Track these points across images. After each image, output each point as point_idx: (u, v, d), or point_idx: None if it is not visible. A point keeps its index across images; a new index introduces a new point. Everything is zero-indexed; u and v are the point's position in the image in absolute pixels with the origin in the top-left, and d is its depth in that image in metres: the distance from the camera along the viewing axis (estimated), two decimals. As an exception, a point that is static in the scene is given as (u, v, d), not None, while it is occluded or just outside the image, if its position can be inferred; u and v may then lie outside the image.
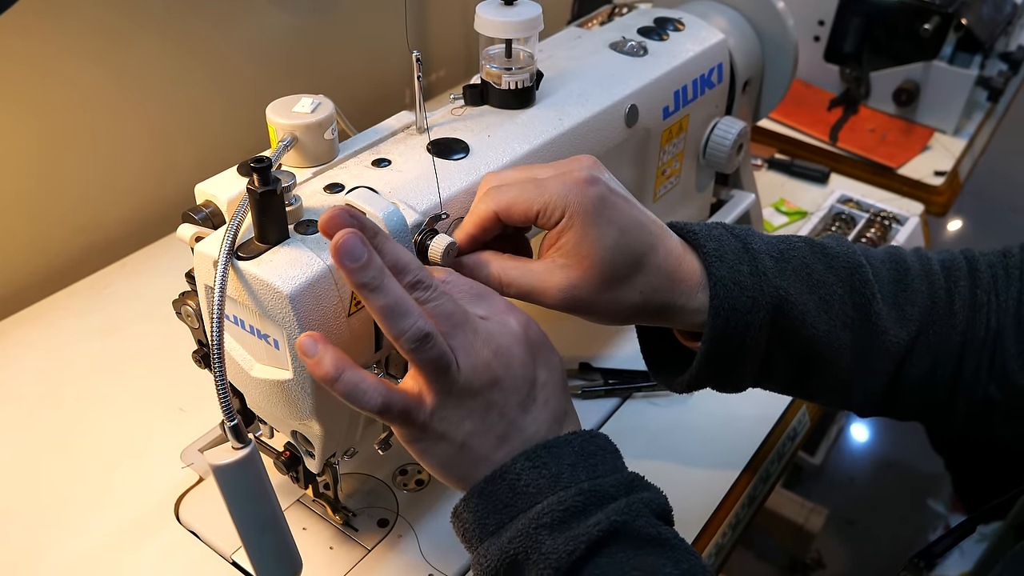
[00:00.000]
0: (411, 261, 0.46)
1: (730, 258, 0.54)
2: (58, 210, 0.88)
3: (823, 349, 0.55)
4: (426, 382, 0.46)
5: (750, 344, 0.54)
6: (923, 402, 0.58)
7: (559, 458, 0.47)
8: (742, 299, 0.53)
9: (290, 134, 0.55)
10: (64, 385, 0.77)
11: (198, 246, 0.51)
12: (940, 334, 0.56)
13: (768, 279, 0.54)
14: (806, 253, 0.56)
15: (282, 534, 0.51)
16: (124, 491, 0.68)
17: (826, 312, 0.55)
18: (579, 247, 0.51)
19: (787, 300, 0.54)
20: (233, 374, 0.54)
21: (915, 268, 0.58)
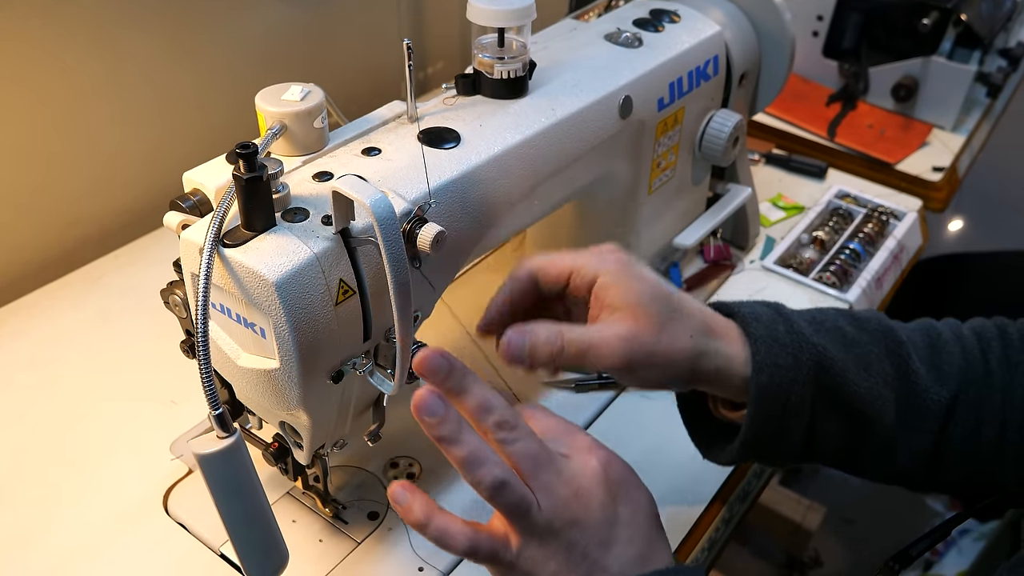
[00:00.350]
0: (497, 402, 0.47)
1: (765, 320, 0.56)
2: (52, 201, 0.88)
3: (867, 407, 0.56)
4: (509, 524, 0.47)
5: (795, 403, 0.55)
6: (971, 464, 0.58)
7: None
8: (783, 355, 0.54)
9: (279, 122, 0.55)
10: (56, 376, 0.76)
11: (184, 233, 0.51)
12: (980, 393, 0.57)
13: (806, 337, 0.55)
14: (837, 317, 0.58)
15: (268, 526, 0.50)
16: (113, 482, 0.67)
17: (866, 370, 0.56)
18: (624, 299, 0.53)
19: (827, 356, 0.55)
20: (220, 364, 0.54)
21: (946, 333, 0.60)
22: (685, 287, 0.85)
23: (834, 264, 0.89)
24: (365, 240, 0.50)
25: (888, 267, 0.91)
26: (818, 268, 0.89)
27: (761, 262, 0.91)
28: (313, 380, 0.51)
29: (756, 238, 0.94)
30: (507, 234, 0.65)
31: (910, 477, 0.60)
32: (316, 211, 0.50)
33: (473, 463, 0.46)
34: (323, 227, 0.50)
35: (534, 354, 0.52)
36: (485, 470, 0.45)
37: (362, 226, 0.50)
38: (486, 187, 0.58)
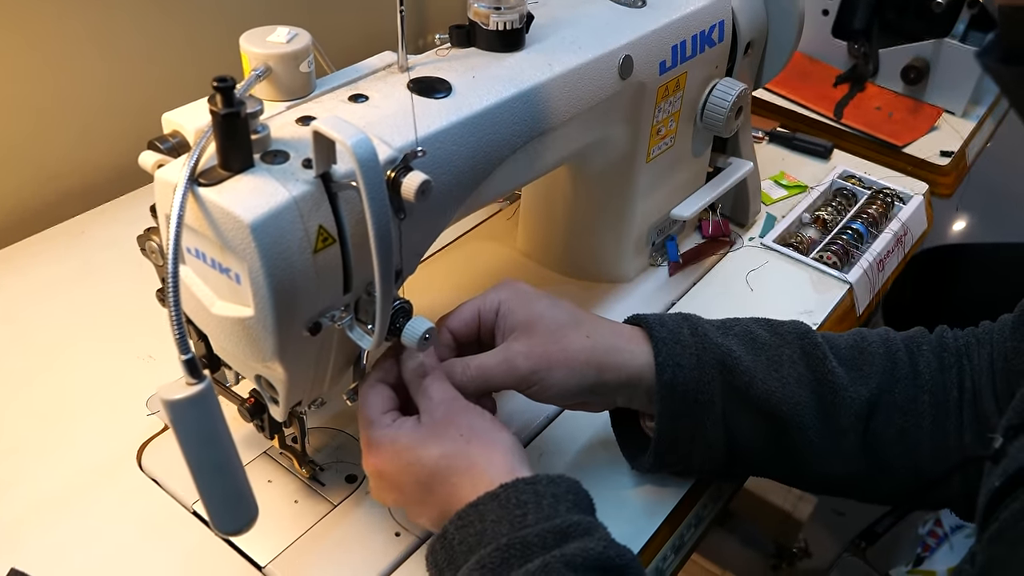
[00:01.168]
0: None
1: (670, 324, 0.58)
2: (36, 153, 0.86)
3: (781, 406, 0.57)
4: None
5: (703, 403, 0.57)
6: (907, 469, 0.59)
7: (483, 515, 0.48)
8: (685, 356, 0.57)
9: (263, 64, 0.52)
10: (33, 329, 0.75)
11: (158, 172, 0.49)
12: (905, 393, 0.58)
13: (710, 338, 0.58)
14: (749, 323, 0.61)
15: (237, 479, 0.49)
16: (87, 436, 0.66)
17: (776, 371, 0.57)
18: (520, 318, 0.57)
19: (732, 357, 0.57)
20: (195, 313, 0.52)
21: (872, 336, 0.61)
22: (681, 261, 0.83)
23: (835, 244, 0.87)
24: (346, 185, 0.48)
25: (891, 249, 0.89)
26: (819, 248, 0.87)
27: (760, 240, 0.89)
28: (289, 331, 0.49)
29: (756, 215, 0.91)
30: (497, 193, 0.63)
31: (849, 483, 0.60)
32: (297, 154, 0.48)
33: None
34: (303, 170, 0.47)
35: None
36: None
37: (344, 171, 0.48)
38: (477, 140, 0.56)
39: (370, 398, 0.55)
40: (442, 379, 0.55)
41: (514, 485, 0.49)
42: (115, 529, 0.60)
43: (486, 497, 0.48)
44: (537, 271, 0.84)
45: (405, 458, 0.52)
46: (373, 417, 0.54)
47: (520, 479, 0.49)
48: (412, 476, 0.52)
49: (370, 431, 0.54)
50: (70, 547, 0.59)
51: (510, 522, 0.47)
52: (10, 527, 0.59)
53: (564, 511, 0.48)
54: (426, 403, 0.54)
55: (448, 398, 0.54)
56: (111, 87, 0.88)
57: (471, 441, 0.52)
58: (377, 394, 0.55)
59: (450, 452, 0.51)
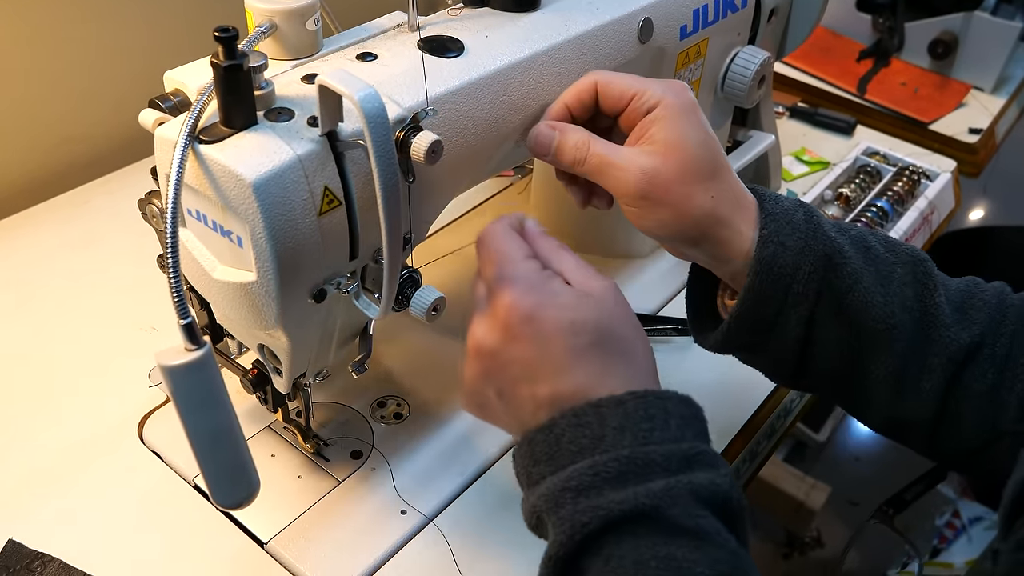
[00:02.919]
0: None
1: (785, 203, 0.53)
2: (41, 122, 0.84)
3: (877, 324, 0.52)
4: None
5: (796, 292, 0.51)
6: (982, 430, 0.53)
7: (604, 419, 0.43)
8: (793, 237, 0.51)
9: (268, 20, 0.50)
10: (36, 298, 0.73)
11: (158, 130, 0.47)
12: (1007, 350, 0.53)
13: (823, 230, 0.52)
14: (866, 233, 0.55)
15: (237, 450, 0.47)
16: (88, 407, 0.64)
17: (883, 285, 0.52)
18: (669, 137, 0.51)
19: (841, 254, 0.52)
20: (197, 279, 0.50)
21: (986, 285, 0.55)
22: (700, 237, 0.81)
23: (860, 221, 0.84)
24: (353, 144, 0.46)
25: (917, 228, 0.86)
26: (842, 225, 0.85)
27: (781, 216, 0.86)
28: (293, 297, 0.47)
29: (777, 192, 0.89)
30: (509, 161, 0.60)
31: (912, 427, 0.55)
32: (302, 112, 0.46)
33: None
34: (309, 128, 0.46)
35: (559, 153, 0.53)
36: None
37: (352, 130, 0.46)
38: (489, 102, 0.53)
39: (510, 242, 0.48)
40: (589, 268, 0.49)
41: (644, 396, 0.44)
42: (115, 502, 0.58)
43: (610, 401, 0.44)
44: (551, 246, 0.82)
45: (565, 316, 0.45)
46: (516, 256, 0.48)
47: (650, 391, 0.45)
48: (561, 337, 0.45)
49: (516, 268, 0.47)
50: (69, 520, 0.57)
51: (633, 434, 0.43)
52: (9, 498, 0.58)
53: (691, 436, 0.44)
54: (577, 273, 0.48)
55: (600, 277, 0.48)
56: (115, 55, 0.86)
57: (637, 333, 0.47)
58: (516, 239, 0.49)
59: (616, 331, 0.46)
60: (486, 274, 0.48)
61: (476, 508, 0.59)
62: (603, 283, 0.47)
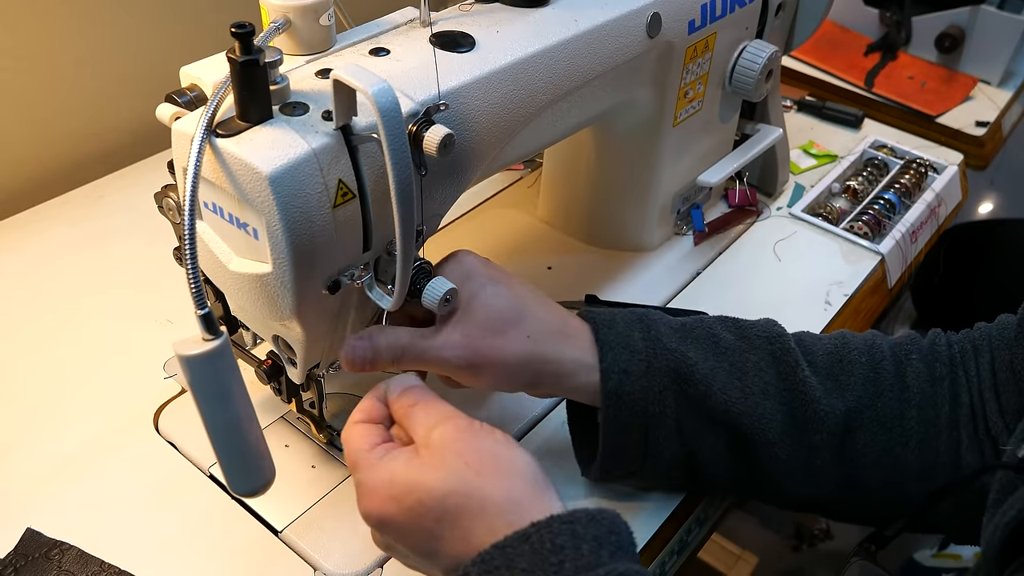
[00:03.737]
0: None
1: (620, 326, 0.53)
2: (56, 117, 0.85)
3: (744, 418, 0.52)
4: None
5: (655, 414, 0.52)
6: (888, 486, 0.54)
7: (512, 561, 0.40)
8: (633, 362, 0.52)
9: (283, 16, 0.51)
10: (51, 291, 0.74)
11: (176, 124, 0.48)
12: (890, 408, 0.53)
13: (663, 343, 0.53)
14: (713, 324, 0.55)
15: (253, 438, 0.48)
16: (104, 398, 0.65)
17: (739, 379, 0.52)
18: (463, 303, 0.52)
19: (687, 364, 0.52)
20: (213, 270, 0.51)
21: (856, 342, 0.55)
22: (707, 230, 0.81)
23: (867, 214, 0.84)
24: (367, 137, 0.47)
25: (925, 220, 0.86)
26: (849, 218, 0.85)
27: (789, 209, 0.86)
28: (308, 288, 0.48)
29: (784, 185, 0.89)
30: (520, 154, 0.61)
31: (824, 504, 0.55)
32: (317, 106, 0.47)
33: None
34: (323, 122, 0.46)
35: (375, 359, 0.51)
36: None
37: (365, 124, 0.47)
38: (500, 96, 0.54)
39: (353, 436, 0.48)
40: (434, 399, 0.48)
41: (548, 525, 0.41)
42: (131, 492, 0.59)
43: (515, 538, 0.41)
44: (559, 239, 0.82)
45: (406, 502, 0.44)
46: (358, 457, 0.47)
47: (555, 517, 0.42)
48: (416, 521, 0.44)
49: (359, 474, 0.46)
50: (86, 509, 0.58)
51: (544, 571, 0.40)
52: (27, 488, 0.59)
53: (607, 557, 0.41)
54: (419, 429, 0.46)
55: (444, 417, 0.46)
56: (129, 51, 0.87)
57: (481, 472, 0.44)
58: (360, 430, 0.48)
59: (457, 488, 0.43)
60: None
61: (487, 497, 0.60)
62: (442, 428, 0.45)
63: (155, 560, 0.55)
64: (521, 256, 0.80)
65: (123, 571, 0.55)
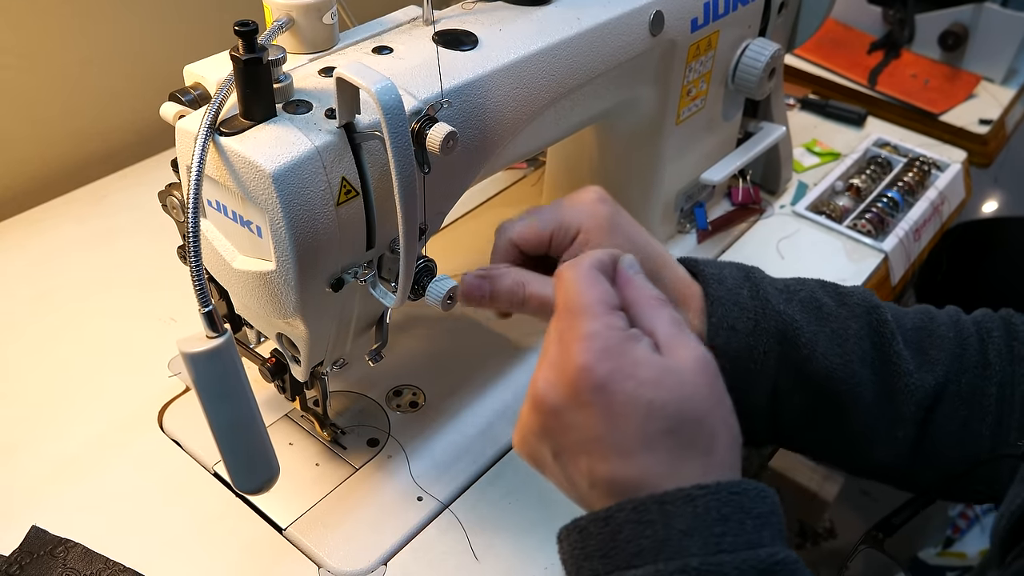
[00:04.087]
0: None
1: (729, 282, 0.52)
2: (60, 117, 0.85)
3: (839, 386, 0.51)
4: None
5: (755, 372, 0.51)
6: (961, 460, 0.53)
7: (669, 519, 0.38)
8: (742, 320, 0.51)
9: (286, 14, 0.51)
10: (56, 289, 0.75)
11: (180, 123, 0.48)
12: (973, 384, 0.53)
13: (771, 304, 0.51)
14: (816, 289, 0.54)
15: (257, 435, 0.48)
16: (108, 396, 0.66)
17: (840, 345, 0.52)
18: None
19: (793, 327, 0.51)
20: (217, 269, 0.51)
21: (941, 317, 0.55)
22: (710, 229, 0.81)
23: (870, 212, 0.84)
24: (370, 135, 0.47)
25: (928, 218, 0.86)
26: (853, 216, 0.85)
27: (792, 207, 0.86)
28: (311, 285, 0.48)
29: (788, 183, 0.89)
30: (523, 152, 0.61)
31: (891, 471, 0.55)
32: (320, 104, 0.47)
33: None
34: (326, 120, 0.46)
35: (494, 300, 0.51)
36: None
37: (368, 122, 0.47)
38: (503, 94, 0.54)
39: (593, 282, 0.43)
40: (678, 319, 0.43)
41: (716, 492, 0.38)
42: (135, 489, 0.59)
43: (677, 497, 0.38)
44: (562, 238, 0.82)
45: (645, 393, 0.39)
46: (598, 309, 0.41)
47: (723, 484, 0.39)
48: (638, 417, 0.39)
49: (595, 323, 0.41)
50: (91, 507, 0.58)
51: (704, 539, 0.37)
52: (32, 486, 0.59)
53: (768, 539, 0.39)
54: (667, 328, 0.42)
55: (702, 354, 0.41)
56: (132, 51, 0.88)
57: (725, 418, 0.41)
58: (601, 282, 0.43)
59: (701, 420, 0.40)
60: (560, 318, 0.42)
61: (491, 494, 0.60)
62: (695, 352, 0.41)
63: (160, 557, 0.55)
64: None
65: (128, 568, 0.55)
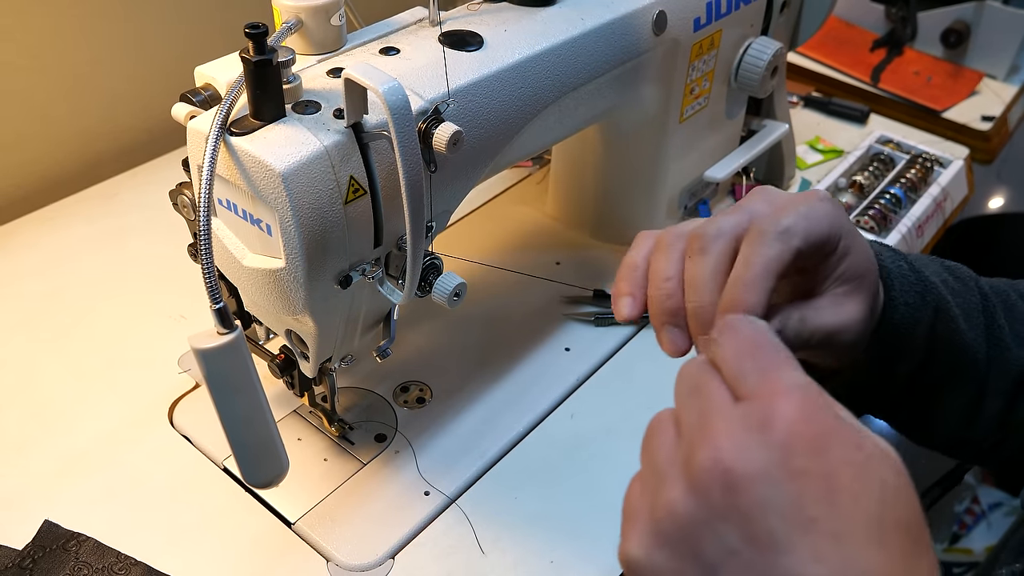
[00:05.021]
0: None
1: (887, 254, 0.48)
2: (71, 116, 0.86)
3: (967, 358, 0.48)
4: None
5: (914, 347, 0.47)
6: None
7: None
8: (911, 293, 0.46)
9: (295, 16, 0.52)
10: (67, 287, 0.75)
11: (191, 123, 0.49)
12: None
13: (927, 277, 0.47)
14: (935, 263, 0.51)
15: (267, 430, 0.49)
16: (119, 392, 0.66)
17: (967, 320, 0.49)
18: (858, 268, 0.41)
19: (945, 300, 0.48)
20: (227, 266, 0.52)
21: (1010, 293, 0.53)
22: (714, 226, 0.82)
23: (873, 209, 0.85)
24: (378, 135, 0.47)
25: (931, 215, 0.87)
26: (856, 212, 0.86)
27: (795, 205, 0.87)
28: (320, 283, 0.49)
29: (791, 180, 0.90)
30: (528, 151, 0.62)
31: (974, 445, 0.53)
32: (328, 104, 0.48)
33: None
34: (335, 120, 0.47)
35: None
36: None
37: (376, 122, 0.48)
38: (508, 94, 0.55)
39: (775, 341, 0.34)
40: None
41: None
42: (146, 484, 0.60)
43: None
44: (567, 234, 0.83)
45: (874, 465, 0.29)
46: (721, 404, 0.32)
47: None
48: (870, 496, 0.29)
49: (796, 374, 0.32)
50: (102, 501, 0.59)
51: None
52: (45, 481, 0.60)
53: None
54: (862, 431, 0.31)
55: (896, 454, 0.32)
56: (142, 51, 0.88)
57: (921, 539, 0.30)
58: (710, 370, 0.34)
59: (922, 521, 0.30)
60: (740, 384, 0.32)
61: (497, 489, 0.61)
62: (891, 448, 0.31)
63: (170, 551, 0.56)
64: (530, 251, 0.81)
65: (139, 562, 0.56)
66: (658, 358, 0.70)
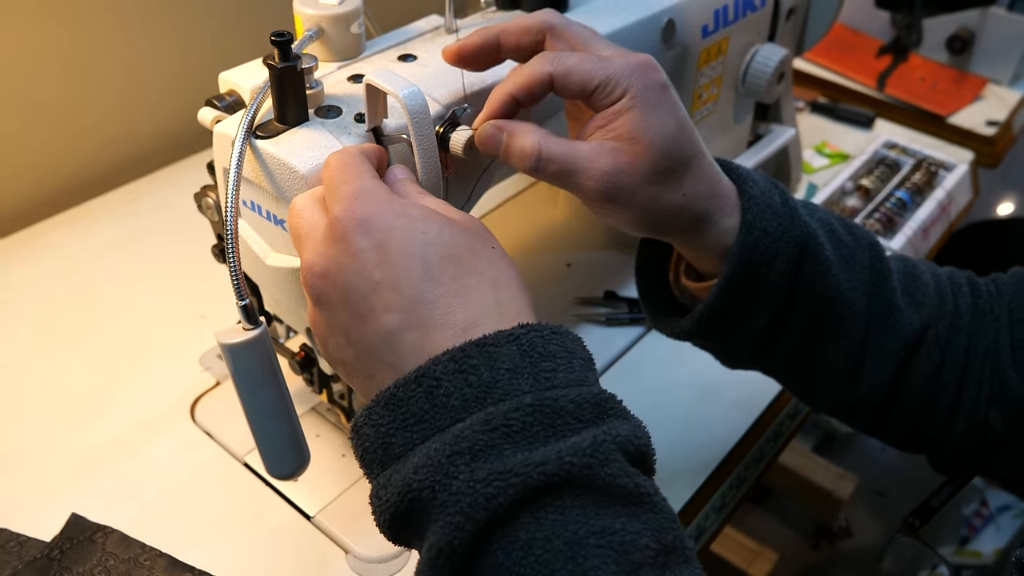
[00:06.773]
0: None
1: (762, 184, 0.50)
2: (93, 120, 0.88)
3: (844, 309, 0.51)
4: None
5: (773, 280, 0.49)
6: (924, 409, 0.54)
7: (495, 359, 0.35)
8: (773, 223, 0.48)
9: (316, 25, 0.54)
10: (89, 288, 0.77)
11: (217, 127, 0.50)
12: (948, 330, 0.54)
13: (798, 214, 0.50)
14: (829, 214, 0.54)
15: (291, 423, 0.50)
16: (141, 391, 0.68)
17: (848, 270, 0.51)
18: (636, 131, 0.45)
19: (816, 241, 0.49)
20: (249, 265, 0.54)
21: (921, 266, 0.56)
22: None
23: (879, 212, 0.86)
24: (397, 138, 0.49)
25: (936, 218, 0.88)
26: (861, 216, 0.87)
27: (802, 208, 0.88)
28: (340, 281, 0.51)
29: (798, 184, 0.91)
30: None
31: (862, 409, 0.55)
32: (349, 109, 0.50)
33: None
34: (356, 124, 0.49)
35: (507, 157, 0.47)
36: None
37: (395, 125, 0.49)
38: (522, 99, 0.56)
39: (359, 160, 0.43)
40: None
41: (539, 330, 0.36)
42: (170, 478, 0.62)
43: (500, 337, 0.35)
44: (578, 237, 0.85)
45: (417, 225, 0.38)
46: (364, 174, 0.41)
47: (542, 324, 0.37)
48: (414, 246, 0.38)
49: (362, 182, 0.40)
50: (127, 495, 0.61)
51: (534, 376, 0.35)
52: (72, 475, 0.62)
53: (593, 379, 0.37)
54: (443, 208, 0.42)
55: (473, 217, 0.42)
56: (162, 60, 0.90)
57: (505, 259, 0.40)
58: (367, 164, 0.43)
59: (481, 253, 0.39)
60: (327, 198, 0.41)
61: (510, 484, 0.62)
62: (466, 215, 0.42)
63: (193, 543, 0.58)
64: (542, 253, 0.82)
65: (163, 553, 0.57)
66: (667, 358, 0.72)
